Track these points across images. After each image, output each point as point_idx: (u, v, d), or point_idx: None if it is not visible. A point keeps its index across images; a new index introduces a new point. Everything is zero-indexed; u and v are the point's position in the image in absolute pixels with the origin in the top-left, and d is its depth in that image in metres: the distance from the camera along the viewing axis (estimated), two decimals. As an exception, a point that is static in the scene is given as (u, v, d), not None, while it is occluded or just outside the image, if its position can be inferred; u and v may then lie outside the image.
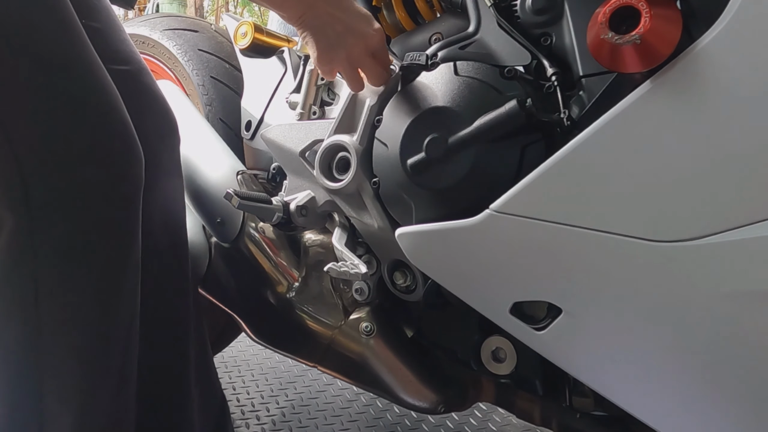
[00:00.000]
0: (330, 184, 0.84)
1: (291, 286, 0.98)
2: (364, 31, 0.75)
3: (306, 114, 0.98)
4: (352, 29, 0.75)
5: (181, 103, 1.17)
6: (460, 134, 0.70)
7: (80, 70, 0.71)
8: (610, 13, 0.56)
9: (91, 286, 0.73)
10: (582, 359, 0.67)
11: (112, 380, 0.77)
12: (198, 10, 11.15)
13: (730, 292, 0.56)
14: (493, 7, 0.75)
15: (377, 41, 0.76)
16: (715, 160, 0.55)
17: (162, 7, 9.90)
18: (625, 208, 0.59)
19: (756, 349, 0.57)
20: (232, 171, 1.05)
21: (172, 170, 0.94)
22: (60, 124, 0.70)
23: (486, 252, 0.69)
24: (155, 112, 0.91)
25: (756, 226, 0.53)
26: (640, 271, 0.60)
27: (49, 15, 0.70)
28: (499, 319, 0.71)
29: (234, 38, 1.20)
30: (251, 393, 1.42)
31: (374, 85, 0.81)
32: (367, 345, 0.91)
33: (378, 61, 0.78)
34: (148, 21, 1.40)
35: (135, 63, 0.90)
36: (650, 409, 0.65)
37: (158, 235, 0.90)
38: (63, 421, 0.73)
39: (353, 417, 1.29)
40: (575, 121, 0.65)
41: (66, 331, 0.73)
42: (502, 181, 0.68)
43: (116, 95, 0.75)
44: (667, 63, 0.56)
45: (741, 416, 0.60)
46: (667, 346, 0.61)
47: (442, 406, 0.91)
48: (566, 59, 0.70)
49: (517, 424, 1.27)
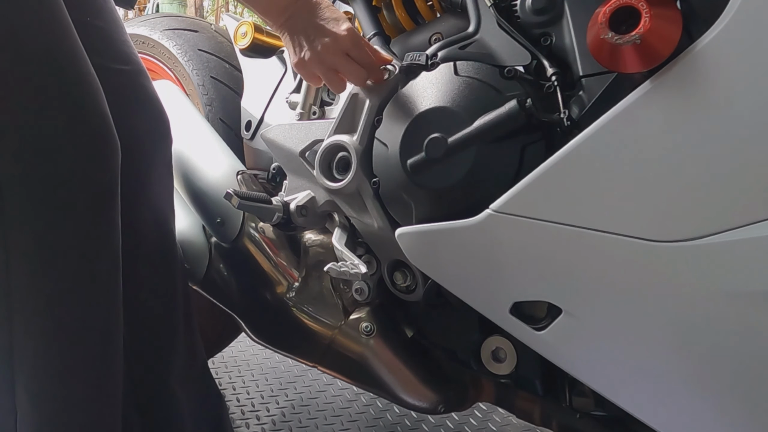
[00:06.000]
0: (330, 184, 0.84)
1: (291, 286, 0.98)
2: (333, 33, 0.77)
3: (306, 114, 0.98)
4: (322, 33, 0.77)
5: (181, 103, 1.17)
6: (460, 134, 0.70)
7: (61, 63, 0.72)
8: (610, 13, 0.56)
9: (64, 278, 0.73)
10: (582, 359, 0.67)
11: (91, 377, 0.76)
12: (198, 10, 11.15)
13: (730, 292, 0.56)
14: (493, 7, 0.75)
15: (347, 41, 0.77)
16: (715, 160, 0.54)
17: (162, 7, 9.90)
18: (625, 208, 0.59)
19: (756, 349, 0.57)
20: (232, 171, 1.05)
21: (163, 171, 0.95)
22: (35, 115, 0.70)
23: (486, 252, 0.69)
24: (150, 113, 0.92)
25: (756, 226, 0.53)
26: (640, 271, 0.60)
27: (34, 10, 0.70)
28: (499, 319, 0.71)
29: (234, 38, 1.20)
30: (251, 393, 1.42)
31: (355, 84, 0.81)
32: (367, 345, 0.91)
33: (354, 61, 0.79)
34: (148, 21, 1.41)
35: (134, 64, 0.91)
36: (650, 409, 0.65)
37: (147, 235, 0.90)
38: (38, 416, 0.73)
39: (353, 417, 1.29)
40: (575, 121, 0.65)
41: (39, 322, 0.73)
42: (502, 181, 0.68)
43: (98, 89, 0.75)
44: (667, 63, 0.56)
45: (741, 416, 0.60)
46: (667, 346, 0.61)
47: (442, 406, 0.91)
48: (566, 59, 0.70)
49: (517, 424, 1.27)
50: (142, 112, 0.90)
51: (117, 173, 0.76)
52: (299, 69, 0.81)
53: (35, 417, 0.73)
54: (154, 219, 0.92)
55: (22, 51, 0.69)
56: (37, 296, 0.72)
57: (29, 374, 0.73)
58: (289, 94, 1.06)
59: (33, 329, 0.72)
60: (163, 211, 0.95)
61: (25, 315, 0.72)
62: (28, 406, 0.73)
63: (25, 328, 0.72)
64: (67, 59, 0.73)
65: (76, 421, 0.75)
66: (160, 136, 0.94)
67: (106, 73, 0.80)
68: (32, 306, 0.72)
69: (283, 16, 0.78)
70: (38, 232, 0.71)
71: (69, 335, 0.74)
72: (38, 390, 0.73)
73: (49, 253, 0.72)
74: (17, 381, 0.73)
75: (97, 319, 0.76)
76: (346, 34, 0.77)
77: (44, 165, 0.70)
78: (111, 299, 0.78)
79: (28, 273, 0.71)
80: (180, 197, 1.09)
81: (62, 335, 0.73)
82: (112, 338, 0.78)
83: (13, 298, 0.71)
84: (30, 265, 0.71)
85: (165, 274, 0.94)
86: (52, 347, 0.73)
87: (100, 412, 0.77)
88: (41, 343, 0.73)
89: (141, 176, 0.89)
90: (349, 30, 0.77)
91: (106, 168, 0.75)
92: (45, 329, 0.73)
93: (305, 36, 0.78)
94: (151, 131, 0.92)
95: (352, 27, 0.78)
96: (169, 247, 0.95)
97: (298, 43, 0.79)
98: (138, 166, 0.87)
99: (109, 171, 0.75)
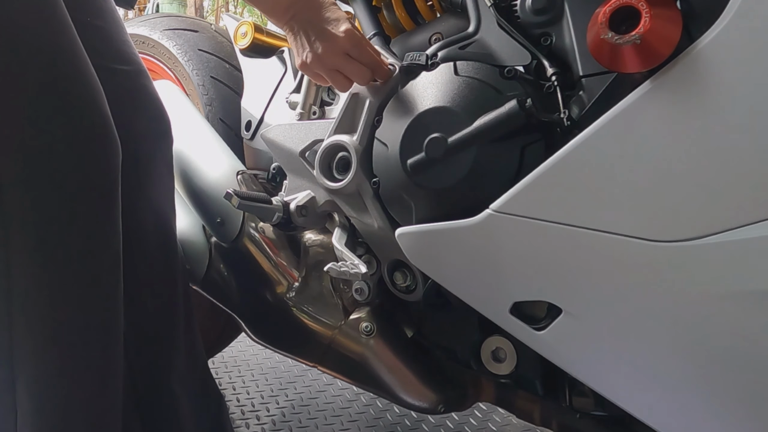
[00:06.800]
0: (330, 184, 0.84)
1: (291, 286, 0.98)
2: (333, 34, 0.77)
3: (306, 114, 0.98)
4: (322, 33, 0.78)
5: (181, 103, 1.17)
6: (460, 134, 0.70)
7: (60, 62, 0.72)
8: (610, 13, 0.56)
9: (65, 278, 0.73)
10: (582, 359, 0.67)
11: (91, 377, 0.76)
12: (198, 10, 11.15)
13: (730, 292, 0.56)
14: (493, 7, 0.75)
15: (347, 42, 0.77)
16: (714, 159, 0.54)
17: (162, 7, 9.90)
18: (625, 208, 0.59)
19: (756, 349, 0.56)
20: (232, 171, 1.05)
21: (163, 171, 0.95)
22: (35, 116, 0.70)
23: (486, 252, 0.69)
24: (150, 113, 0.92)
25: (756, 226, 0.53)
26: (640, 271, 0.60)
27: (34, 10, 0.70)
28: (499, 319, 0.71)
29: (234, 38, 1.20)
30: (251, 393, 1.42)
31: (359, 83, 0.81)
32: (367, 345, 0.91)
33: (355, 60, 0.79)
34: (148, 21, 1.41)
35: (134, 64, 0.91)
36: (650, 409, 0.65)
37: (148, 235, 0.90)
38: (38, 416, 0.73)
39: (353, 417, 1.29)
40: (575, 121, 0.65)
41: (39, 322, 0.73)
42: (502, 181, 0.68)
43: (98, 88, 0.75)
44: (667, 63, 0.56)
45: (741, 416, 0.60)
46: (667, 346, 0.61)
47: (442, 406, 0.91)
48: (566, 59, 0.70)
49: (517, 424, 1.27)
50: (142, 112, 0.90)
51: (117, 173, 0.76)
52: (303, 70, 0.82)
53: (35, 417, 0.73)
54: (155, 219, 0.92)
55: (22, 51, 0.69)
56: (37, 296, 0.72)
57: (29, 374, 0.73)
58: (289, 94, 1.06)
59: (33, 329, 0.72)
60: (164, 211, 0.95)
61: (26, 315, 0.72)
62: (28, 406, 0.73)
63: (26, 328, 0.72)
64: (67, 59, 0.73)
65: (76, 420, 0.75)
66: (160, 136, 0.94)
67: (107, 73, 0.80)
68: (32, 306, 0.72)
69: (287, 16, 0.78)
70: (39, 233, 0.71)
71: (69, 335, 0.74)
72: (38, 390, 0.73)
73: (50, 253, 0.72)
74: (17, 381, 0.73)
75: (98, 319, 0.76)
76: (345, 35, 0.77)
77: (45, 165, 0.70)
78: (111, 299, 0.78)
79: (28, 273, 0.71)
80: (180, 197, 1.09)
81: (62, 335, 0.73)
82: (112, 338, 0.78)
83: (13, 298, 0.71)
84: (30, 265, 0.71)
85: (165, 274, 0.94)
86: (52, 347, 0.73)
87: (100, 412, 0.77)
88: (41, 343, 0.73)
89: (141, 176, 0.89)
90: (349, 30, 0.77)
91: (107, 168, 0.75)
92: (45, 329, 0.73)
93: (306, 37, 0.78)
94: (152, 131, 0.92)
95: (352, 27, 0.78)
96: (169, 247, 0.95)
97: (301, 43, 0.79)
98: (138, 166, 0.87)
99: (110, 171, 0.75)
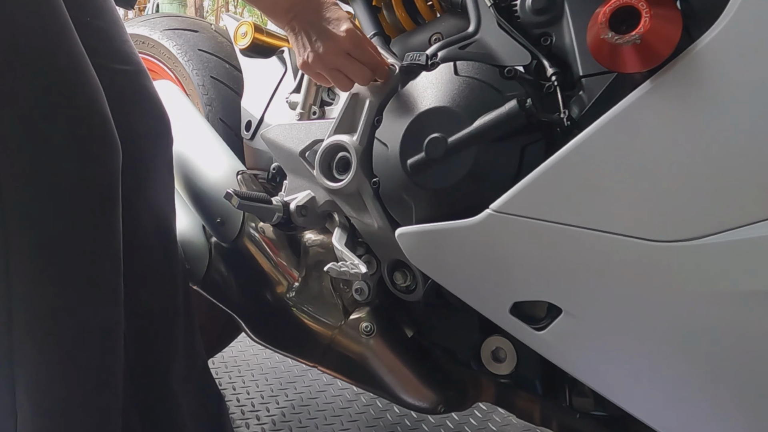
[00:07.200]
0: (330, 184, 0.84)
1: (291, 286, 0.98)
2: (333, 34, 0.77)
3: (306, 114, 0.98)
4: (323, 34, 0.78)
5: (181, 103, 1.17)
6: (460, 134, 0.70)
7: (61, 63, 0.72)
8: (610, 13, 0.56)
9: (65, 278, 0.73)
10: (582, 359, 0.67)
11: (91, 378, 0.76)
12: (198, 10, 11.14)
13: (730, 292, 0.56)
14: (493, 7, 0.75)
15: (347, 42, 0.77)
16: (714, 160, 0.55)
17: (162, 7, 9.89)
18: (625, 208, 0.59)
19: (756, 349, 0.57)
20: (232, 171, 1.05)
21: (163, 171, 0.95)
22: (35, 116, 0.70)
23: (486, 252, 0.69)
24: (150, 113, 0.92)
25: (756, 226, 0.53)
26: (640, 271, 0.60)
27: (34, 9, 0.70)
28: (499, 319, 0.71)
29: (234, 38, 1.20)
30: (251, 393, 1.42)
31: (360, 83, 0.81)
32: (367, 345, 0.91)
33: (356, 60, 0.79)
34: (148, 21, 1.41)
35: (135, 64, 0.91)
36: (650, 409, 0.65)
37: (148, 235, 0.90)
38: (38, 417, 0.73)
39: (353, 417, 1.29)
40: (575, 121, 0.65)
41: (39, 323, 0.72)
42: (502, 181, 0.68)
43: (98, 89, 0.75)
44: (667, 63, 0.56)
45: (741, 416, 0.60)
46: (666, 346, 0.61)
47: (442, 406, 0.91)
48: (566, 59, 0.70)
49: (517, 424, 1.27)
50: (142, 112, 0.90)
51: (118, 173, 0.76)
52: (304, 69, 0.82)
53: (36, 418, 0.73)
54: (155, 219, 0.92)
55: (22, 51, 0.69)
56: (37, 297, 0.72)
57: (29, 375, 0.73)
58: (289, 94, 1.06)
59: (33, 330, 0.72)
60: (164, 211, 0.95)
61: (26, 315, 0.72)
62: (28, 407, 0.73)
63: (26, 329, 0.72)
64: (67, 59, 0.73)
65: (76, 421, 0.75)
66: (160, 136, 0.94)
67: (107, 73, 0.80)
68: (32, 306, 0.72)
69: (288, 16, 0.79)
70: (39, 233, 0.71)
71: (69, 335, 0.74)
72: (38, 390, 0.73)
73: (50, 253, 0.72)
74: (17, 382, 0.73)
75: (98, 319, 0.76)
76: (346, 35, 0.77)
77: (45, 166, 0.70)
78: (111, 299, 0.78)
79: (28, 274, 0.71)
80: (180, 197, 1.09)
81: (63, 335, 0.73)
82: (112, 338, 0.78)
83: (13, 299, 0.71)
84: (30, 266, 0.71)
85: (165, 274, 0.94)
86: (52, 348, 0.73)
87: (100, 413, 0.77)
88: (41, 344, 0.73)
89: (141, 176, 0.89)
90: (349, 30, 0.77)
91: (107, 168, 0.75)
92: (45, 330, 0.73)
93: (308, 37, 0.79)
94: (152, 131, 0.92)
95: (353, 27, 0.78)
96: (169, 247, 0.95)
97: (302, 43, 0.79)
98: (138, 166, 0.87)
99: (110, 171, 0.75)
